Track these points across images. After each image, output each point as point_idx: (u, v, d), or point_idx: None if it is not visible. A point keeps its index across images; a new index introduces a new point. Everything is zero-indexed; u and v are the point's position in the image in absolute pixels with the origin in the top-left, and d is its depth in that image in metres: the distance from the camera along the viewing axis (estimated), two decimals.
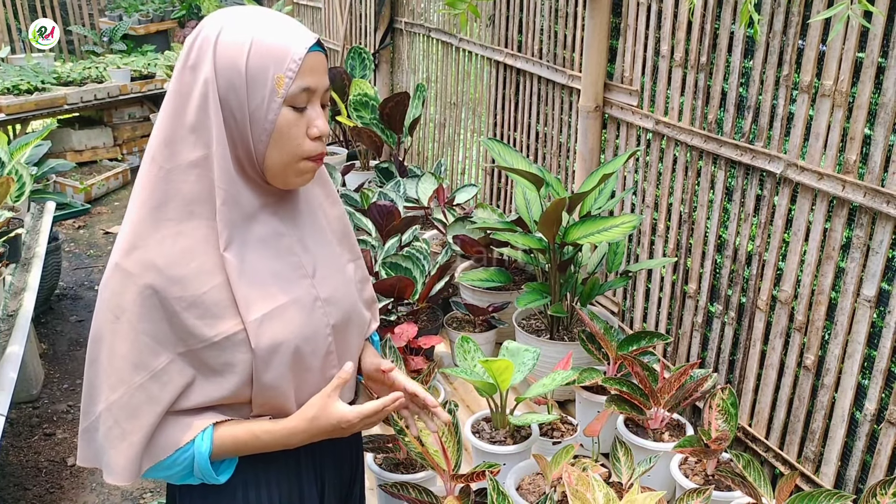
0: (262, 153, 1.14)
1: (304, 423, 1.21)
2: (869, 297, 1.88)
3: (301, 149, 1.15)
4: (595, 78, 2.81)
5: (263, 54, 1.10)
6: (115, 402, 1.12)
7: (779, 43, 2.07)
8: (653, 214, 2.67)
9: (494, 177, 3.87)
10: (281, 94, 1.11)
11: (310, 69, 1.12)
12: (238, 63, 1.10)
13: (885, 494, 1.60)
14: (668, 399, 2.04)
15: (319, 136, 1.16)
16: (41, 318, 4.11)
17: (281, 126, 1.13)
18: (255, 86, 1.11)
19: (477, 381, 1.95)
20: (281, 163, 1.15)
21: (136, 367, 1.11)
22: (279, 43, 1.11)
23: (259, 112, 1.12)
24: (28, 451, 3.08)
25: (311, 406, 1.21)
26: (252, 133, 1.13)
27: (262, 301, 1.16)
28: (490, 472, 1.66)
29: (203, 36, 1.13)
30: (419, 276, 2.77)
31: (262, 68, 1.10)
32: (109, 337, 1.12)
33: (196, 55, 1.13)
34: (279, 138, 1.13)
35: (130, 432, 1.12)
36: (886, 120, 1.79)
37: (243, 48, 1.10)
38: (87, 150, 6.21)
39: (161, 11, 8.43)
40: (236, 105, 1.12)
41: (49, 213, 3.58)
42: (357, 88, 4.09)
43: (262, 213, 1.18)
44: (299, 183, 1.19)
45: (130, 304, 1.10)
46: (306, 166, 1.17)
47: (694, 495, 1.70)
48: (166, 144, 1.13)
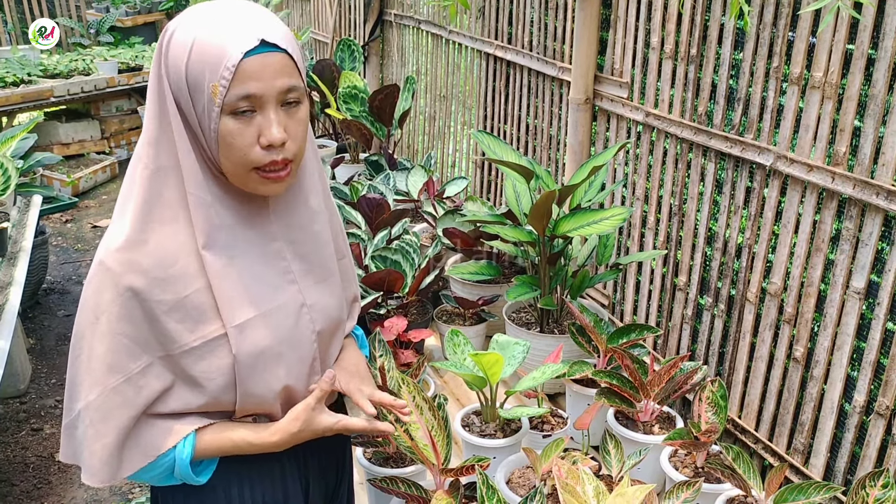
0: (219, 160, 1.10)
1: (287, 437, 1.19)
2: (858, 289, 1.88)
3: (247, 158, 1.07)
4: (585, 70, 2.80)
5: (201, 60, 1.04)
6: (92, 402, 1.10)
7: (769, 35, 2.06)
8: (643, 207, 2.66)
9: (485, 169, 3.86)
10: (217, 104, 1.04)
11: (250, 75, 1.03)
12: (180, 68, 1.05)
13: (874, 486, 1.61)
14: (658, 392, 2.04)
15: (271, 145, 1.07)
16: (28, 313, 4.09)
17: (223, 136, 1.06)
18: (196, 92, 1.05)
19: (467, 375, 1.94)
20: (234, 171, 1.10)
21: (111, 369, 1.10)
22: (215, 46, 1.03)
23: (203, 120, 1.07)
24: (15, 447, 3.06)
25: (296, 420, 1.18)
26: (206, 140, 1.08)
27: (246, 306, 1.13)
28: (479, 466, 1.65)
29: (163, 34, 1.09)
30: (409, 269, 2.76)
31: (200, 74, 1.04)
32: (89, 336, 1.10)
33: (155, 55, 1.10)
34: (224, 147, 1.07)
35: (104, 434, 1.11)
36: (876, 112, 1.79)
37: (185, 52, 1.05)
38: (75, 143, 6.16)
39: (148, 3, 8.36)
40: (187, 110, 1.08)
41: (36, 206, 3.56)
42: (346, 81, 4.06)
43: (246, 218, 1.15)
44: (266, 192, 1.12)
45: (110, 304, 1.08)
46: (260, 178, 1.09)
47: (684, 488, 1.70)
48: (150, 144, 1.10)
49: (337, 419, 1.21)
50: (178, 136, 1.08)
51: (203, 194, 1.10)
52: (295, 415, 1.19)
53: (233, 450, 1.19)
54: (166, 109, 1.08)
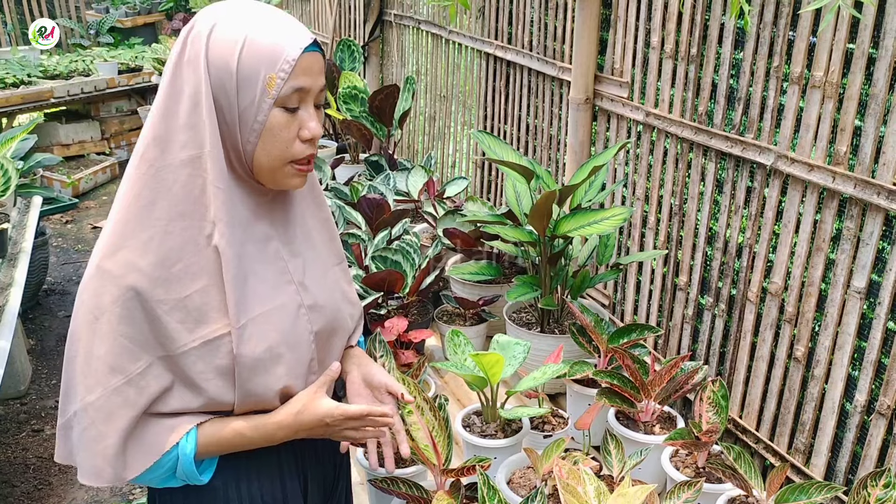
0: (251, 154, 1.12)
1: (289, 418, 1.19)
2: (859, 288, 1.88)
3: (289, 151, 1.13)
4: (585, 70, 2.80)
5: (256, 54, 1.08)
6: (92, 403, 1.10)
7: (769, 34, 2.06)
8: (643, 207, 2.66)
9: (485, 170, 3.86)
10: (272, 95, 1.08)
11: (303, 70, 1.10)
12: (230, 62, 1.08)
13: (876, 486, 1.60)
14: (659, 392, 2.04)
15: (311, 139, 1.13)
16: (29, 314, 4.09)
17: (271, 127, 1.10)
18: (246, 86, 1.08)
19: (467, 375, 1.94)
20: (269, 165, 1.13)
21: (112, 370, 1.10)
22: (273, 42, 1.08)
23: (249, 112, 1.09)
24: (16, 448, 3.06)
25: (297, 401, 1.20)
26: (241, 134, 1.11)
27: (251, 306, 1.14)
28: (480, 467, 1.65)
29: (196, 31, 1.10)
30: (409, 269, 2.75)
31: (254, 68, 1.08)
32: (88, 337, 1.10)
33: (189, 51, 1.10)
34: (268, 140, 1.11)
35: (106, 435, 1.11)
36: (877, 111, 1.79)
37: (235, 47, 1.08)
38: (75, 143, 6.16)
39: (148, 4, 8.37)
40: (226, 105, 1.10)
41: (36, 207, 3.56)
42: (346, 81, 4.06)
43: (253, 216, 1.16)
44: (291, 185, 1.17)
45: (111, 304, 1.08)
46: (293, 170, 1.15)
47: (685, 488, 1.70)
48: (157, 142, 1.10)
49: (336, 404, 1.22)
50: (209, 131, 1.09)
51: (226, 188, 1.12)
52: (297, 398, 1.21)
53: (234, 438, 1.18)
54: (197, 103, 1.09)
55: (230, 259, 1.11)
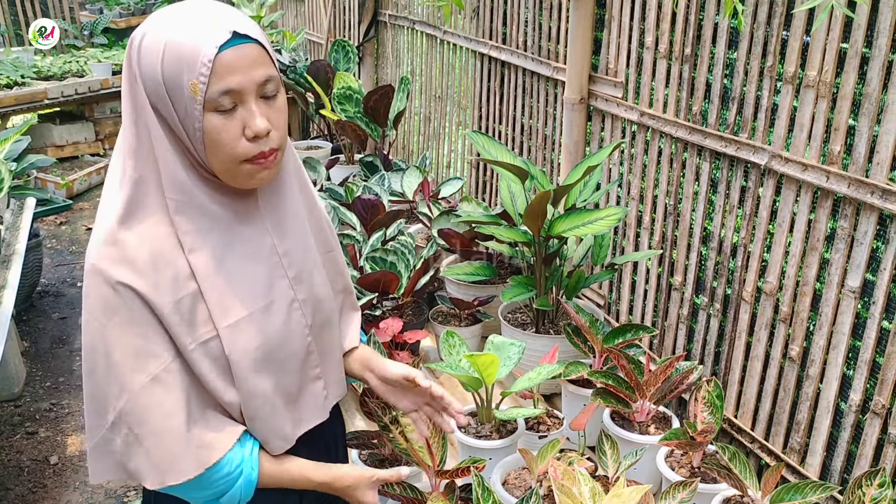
0: (206, 159, 1.09)
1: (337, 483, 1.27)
2: (853, 287, 1.88)
3: (236, 152, 1.07)
4: (580, 70, 2.80)
5: (176, 59, 1.03)
6: (122, 408, 1.09)
7: (763, 34, 2.06)
8: (638, 206, 2.66)
9: (480, 170, 3.85)
10: (199, 101, 1.03)
11: (227, 69, 1.03)
12: (156, 71, 1.04)
13: (871, 485, 1.60)
14: (654, 392, 2.04)
15: (257, 136, 1.07)
16: (23, 316, 4.07)
17: (210, 133, 1.05)
18: (175, 95, 1.04)
19: (462, 376, 1.94)
20: (223, 168, 1.09)
21: (133, 372, 1.09)
22: (188, 44, 1.02)
23: (187, 121, 1.06)
24: (10, 451, 3.04)
25: (351, 476, 1.28)
26: (190, 141, 1.08)
27: (238, 305, 1.13)
28: (475, 468, 1.65)
29: (130, 44, 1.08)
30: (404, 270, 2.75)
31: (177, 75, 1.03)
32: (102, 346, 1.09)
33: (125, 67, 1.09)
34: (212, 145, 1.07)
35: (143, 437, 1.09)
36: (870, 110, 1.79)
37: (158, 55, 1.04)
38: (69, 145, 6.15)
39: (142, 4, 8.35)
40: (168, 115, 1.07)
41: (29, 209, 3.54)
42: (341, 82, 4.05)
43: (234, 214, 1.15)
44: (254, 184, 1.13)
45: (117, 307, 1.07)
46: (250, 169, 1.10)
47: (680, 488, 1.69)
48: (129, 154, 1.10)
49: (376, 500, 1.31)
50: (156, 143, 1.07)
51: (186, 198, 1.10)
52: (354, 472, 1.28)
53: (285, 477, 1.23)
54: (144, 118, 1.07)
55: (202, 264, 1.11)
